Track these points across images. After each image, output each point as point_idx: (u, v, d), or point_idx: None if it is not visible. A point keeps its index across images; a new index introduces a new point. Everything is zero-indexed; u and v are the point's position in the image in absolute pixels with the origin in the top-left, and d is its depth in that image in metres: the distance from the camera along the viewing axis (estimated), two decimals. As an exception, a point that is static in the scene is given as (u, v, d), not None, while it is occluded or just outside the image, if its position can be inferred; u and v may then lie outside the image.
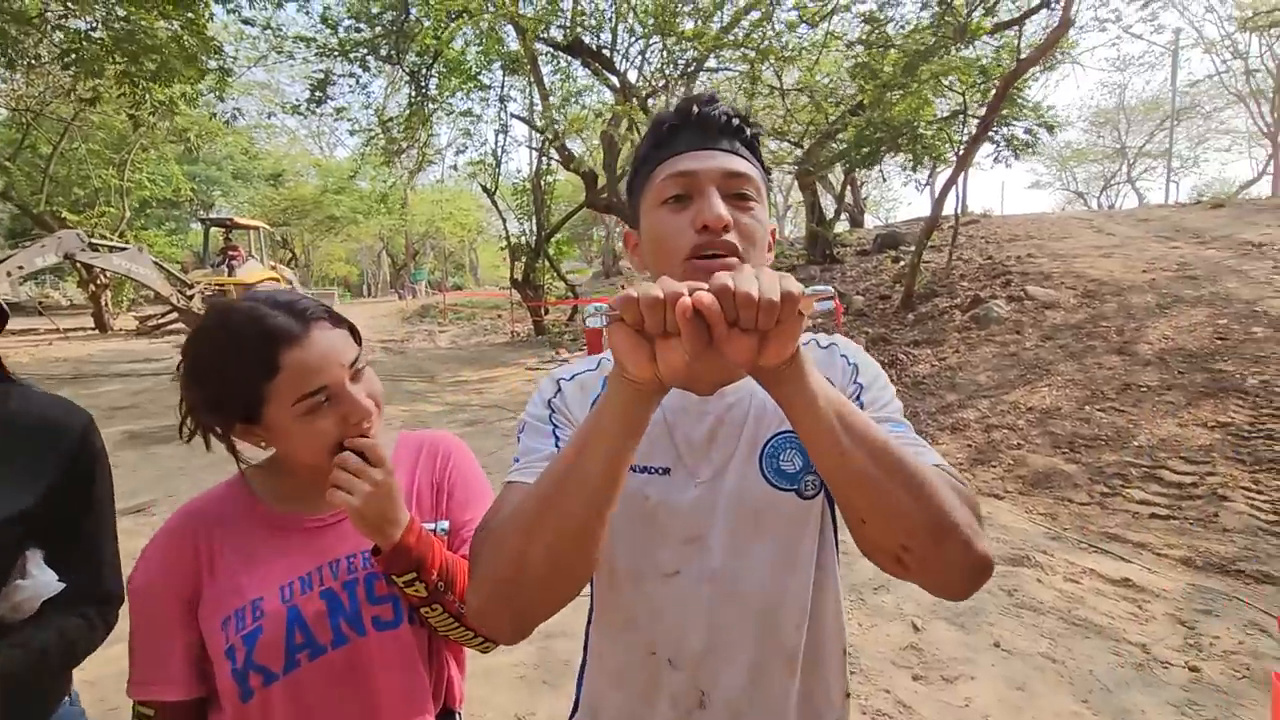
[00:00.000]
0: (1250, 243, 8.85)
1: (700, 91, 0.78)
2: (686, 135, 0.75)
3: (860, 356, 0.85)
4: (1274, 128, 23.61)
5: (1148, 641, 2.61)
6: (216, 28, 13.57)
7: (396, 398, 7.73)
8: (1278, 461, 4.11)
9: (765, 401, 0.79)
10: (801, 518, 0.78)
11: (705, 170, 0.72)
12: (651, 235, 0.75)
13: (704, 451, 0.79)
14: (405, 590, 0.84)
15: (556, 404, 0.83)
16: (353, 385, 0.84)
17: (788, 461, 0.78)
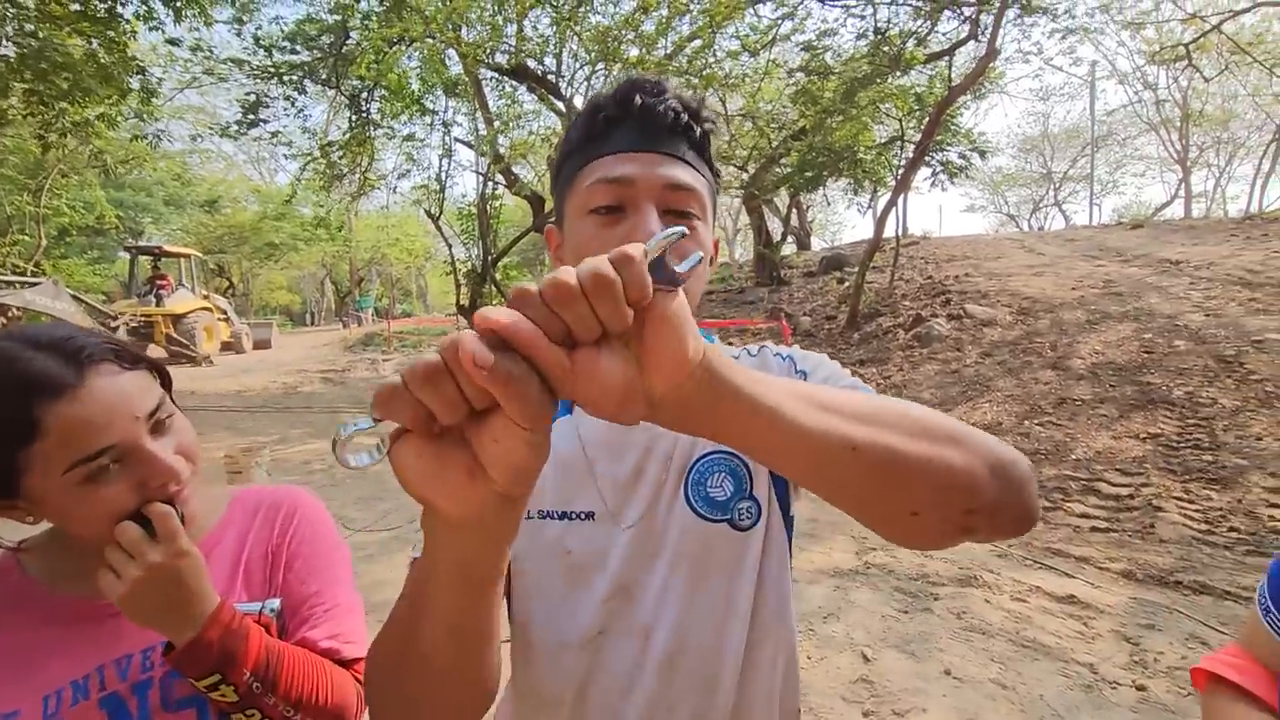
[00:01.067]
0: (1168, 260, 9.33)
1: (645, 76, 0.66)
2: (625, 131, 0.64)
3: (795, 350, 0.74)
4: (1182, 154, 25.32)
5: (1095, 661, 2.58)
6: (144, 49, 13.09)
7: (330, 431, 7.36)
8: (1205, 470, 4.23)
9: None
10: (737, 553, 0.67)
11: (644, 179, 0.62)
12: (577, 251, 0.64)
13: (631, 489, 0.68)
14: (209, 694, 0.67)
15: None
16: (154, 441, 0.68)
17: (716, 487, 0.67)
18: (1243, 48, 13.43)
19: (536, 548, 0.68)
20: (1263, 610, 0.71)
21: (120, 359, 0.69)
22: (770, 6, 10.53)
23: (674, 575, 0.67)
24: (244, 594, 0.77)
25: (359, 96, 11.62)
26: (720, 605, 0.67)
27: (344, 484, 5.25)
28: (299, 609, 0.78)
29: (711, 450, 0.68)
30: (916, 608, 3.05)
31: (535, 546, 0.69)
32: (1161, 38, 14.75)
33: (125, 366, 0.69)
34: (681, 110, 0.64)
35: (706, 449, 0.68)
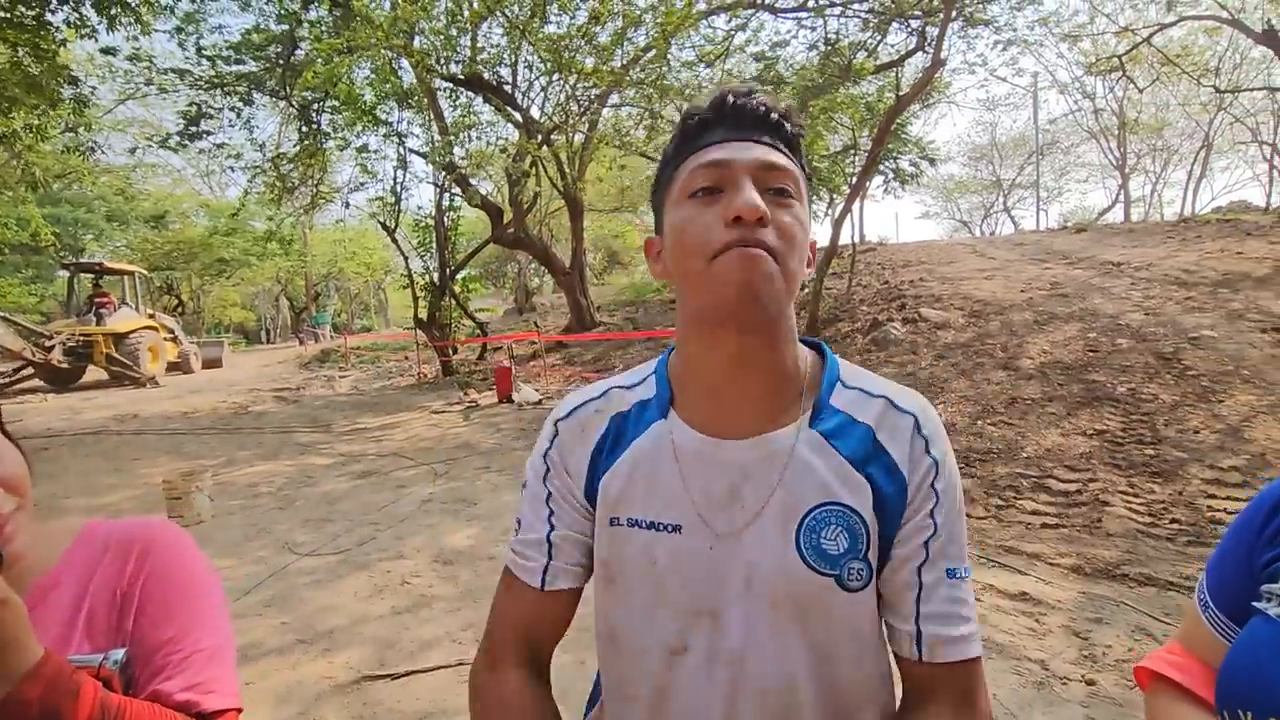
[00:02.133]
0: (1110, 262, 9.69)
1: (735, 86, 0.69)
2: (719, 129, 0.66)
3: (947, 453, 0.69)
4: (1121, 161, 26.45)
5: (1046, 657, 2.60)
6: (80, 58, 12.60)
7: (284, 451, 7.12)
8: (1148, 464, 4.35)
9: (809, 459, 0.66)
10: (844, 612, 0.66)
11: (739, 160, 0.64)
12: (675, 232, 0.65)
13: (724, 507, 0.67)
14: None
15: (552, 459, 0.75)
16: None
17: (830, 541, 0.65)
18: (1171, 60, 14.11)
19: (624, 555, 0.69)
20: (1202, 606, 0.70)
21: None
22: (724, 18, 10.70)
23: (771, 612, 0.65)
24: (85, 643, 0.68)
25: (310, 107, 11.37)
26: (822, 657, 0.66)
27: (291, 506, 5.05)
28: (152, 658, 0.69)
29: (830, 501, 0.65)
30: (874, 611, 3.04)
31: (623, 553, 0.69)
32: (1097, 50, 15.41)
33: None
34: (773, 109, 0.67)
35: (823, 499, 0.65)
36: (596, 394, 0.76)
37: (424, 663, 2.73)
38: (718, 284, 0.60)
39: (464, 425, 8.06)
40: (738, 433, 0.67)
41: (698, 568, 0.66)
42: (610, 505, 0.70)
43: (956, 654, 0.66)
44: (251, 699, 2.54)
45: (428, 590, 3.47)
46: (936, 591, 0.66)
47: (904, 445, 0.67)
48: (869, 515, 0.65)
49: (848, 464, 0.65)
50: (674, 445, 0.69)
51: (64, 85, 7.68)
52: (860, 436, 0.67)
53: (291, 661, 2.80)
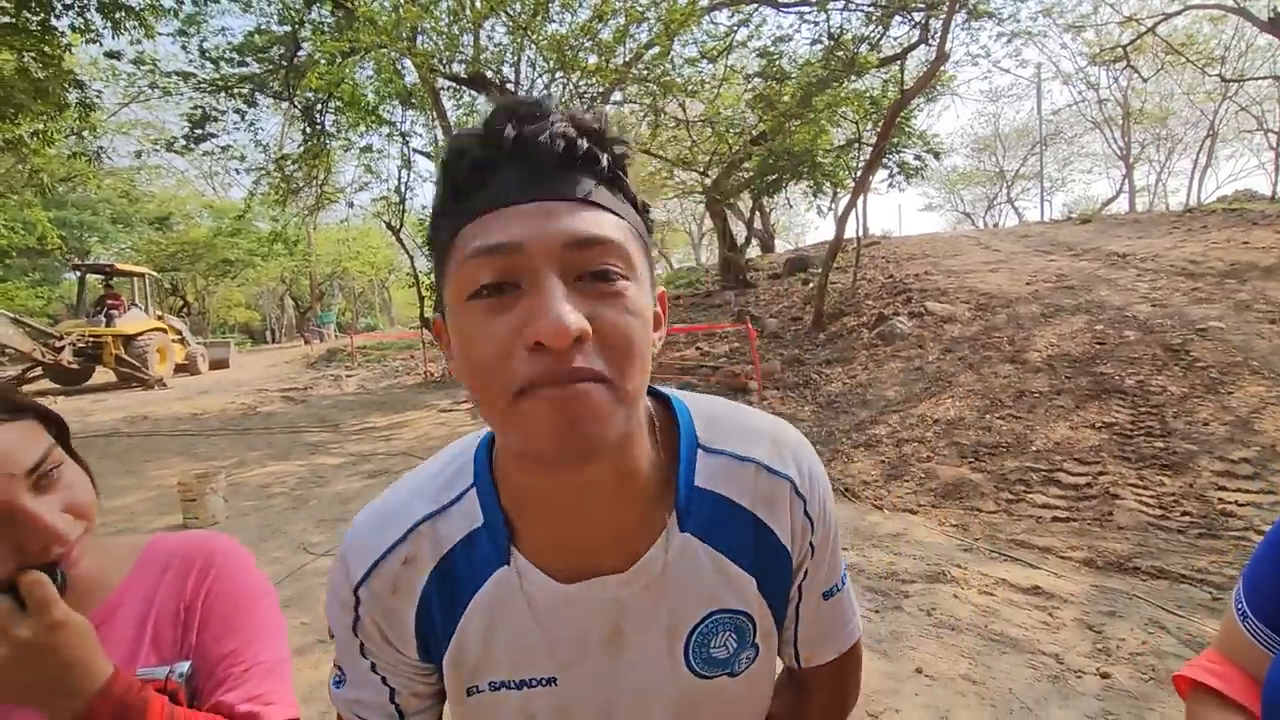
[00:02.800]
0: (1116, 253, 9.66)
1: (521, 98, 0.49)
2: (504, 176, 0.47)
3: (820, 494, 0.64)
4: (1125, 151, 26.33)
5: (1060, 651, 2.62)
6: (84, 62, 12.63)
7: (295, 451, 7.17)
8: (1158, 457, 4.36)
9: (688, 572, 0.58)
10: (734, 696, 0.63)
11: (536, 241, 0.45)
12: (462, 351, 0.48)
13: (600, 647, 0.59)
14: None
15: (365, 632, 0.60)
16: (35, 499, 0.62)
17: (720, 646, 0.60)
18: (1176, 48, 14.03)
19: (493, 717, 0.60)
20: (1240, 615, 0.70)
21: (14, 413, 0.63)
22: (727, 14, 10.68)
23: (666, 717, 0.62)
24: (152, 656, 0.70)
25: (313, 108, 11.39)
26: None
27: (304, 506, 5.10)
28: (214, 670, 0.71)
29: (715, 610, 0.59)
30: (887, 606, 3.06)
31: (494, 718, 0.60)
32: (1101, 40, 15.34)
33: (10, 417, 0.63)
34: (577, 135, 0.47)
35: (707, 609, 0.59)
36: (397, 537, 0.59)
37: (443, 661, 2.77)
38: (528, 434, 0.45)
39: (472, 423, 8.10)
40: (604, 566, 0.57)
41: (586, 713, 0.60)
42: (464, 677, 0.59)
43: (829, 655, 0.69)
44: (275, 698, 2.58)
45: (444, 589, 3.50)
46: (814, 618, 0.66)
47: (784, 516, 0.61)
48: (755, 607, 0.61)
49: (726, 560, 0.59)
50: (527, 597, 0.57)
51: (69, 90, 7.71)
52: (738, 523, 0.60)
53: (313, 661, 2.84)
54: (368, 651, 0.60)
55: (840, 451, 5.46)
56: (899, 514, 4.30)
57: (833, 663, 0.69)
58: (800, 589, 0.64)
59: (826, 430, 5.99)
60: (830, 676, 0.70)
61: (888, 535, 3.92)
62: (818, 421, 6.26)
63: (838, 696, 0.73)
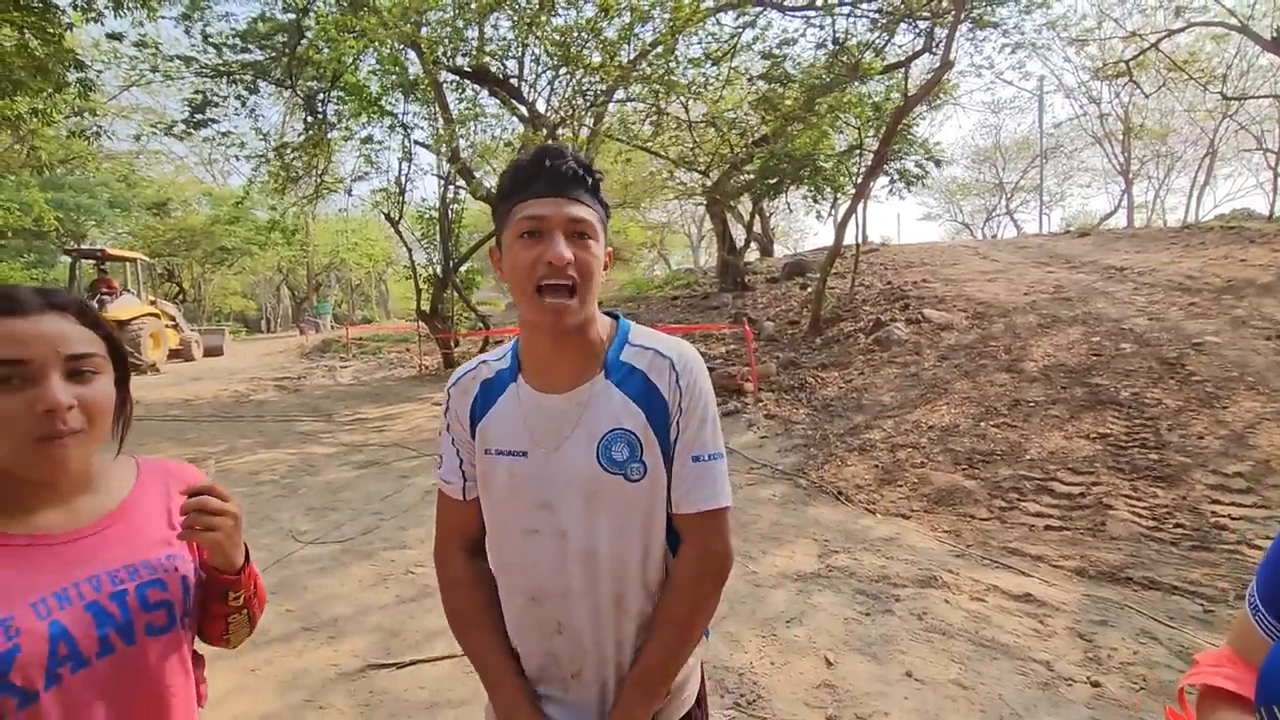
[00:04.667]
0: (1113, 267, 9.69)
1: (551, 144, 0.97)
2: (540, 182, 0.93)
3: (694, 380, 1.00)
4: (1125, 166, 26.42)
5: (1051, 658, 2.60)
6: (86, 44, 12.53)
7: (287, 439, 7.11)
8: (1152, 469, 4.36)
9: (604, 401, 0.98)
10: (630, 497, 0.97)
11: (553, 215, 0.92)
12: (510, 263, 0.95)
13: (551, 437, 0.99)
14: (231, 602, 0.95)
15: (450, 417, 1.08)
16: (61, 378, 0.80)
17: (618, 452, 0.97)
18: (1179, 65, 14.08)
19: (493, 474, 1.02)
20: (1251, 610, 0.70)
21: (80, 314, 0.85)
22: (731, 15, 10.66)
23: (583, 500, 0.97)
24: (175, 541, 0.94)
25: (315, 97, 11.31)
26: (615, 526, 0.97)
27: (294, 495, 5.05)
28: None
29: (616, 427, 0.97)
30: (878, 609, 3.05)
31: (492, 472, 1.02)
32: (1104, 55, 15.39)
33: (79, 321, 0.84)
34: (578, 167, 0.94)
35: (611, 425, 0.97)
36: (472, 366, 1.09)
37: (428, 652, 2.74)
38: (538, 313, 0.92)
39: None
40: (559, 388, 0.99)
41: (538, 477, 0.98)
42: (484, 441, 1.03)
43: (694, 506, 0.98)
44: (257, 686, 2.55)
45: (431, 580, 3.46)
46: (684, 473, 0.98)
47: (664, 379, 0.99)
48: (641, 432, 0.97)
49: (629, 399, 0.98)
50: (520, 399, 1.02)
51: (70, 69, 7.65)
52: (638, 380, 0.99)
53: (297, 649, 2.81)
54: (450, 429, 1.08)
55: (834, 455, 5.45)
56: (892, 518, 4.28)
57: (698, 516, 0.98)
58: (675, 445, 0.98)
59: (821, 434, 5.97)
60: (695, 528, 0.99)
61: (880, 539, 3.90)
62: (813, 425, 6.24)
63: (698, 548, 0.99)
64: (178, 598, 0.90)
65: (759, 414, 6.73)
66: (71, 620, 0.80)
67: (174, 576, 0.90)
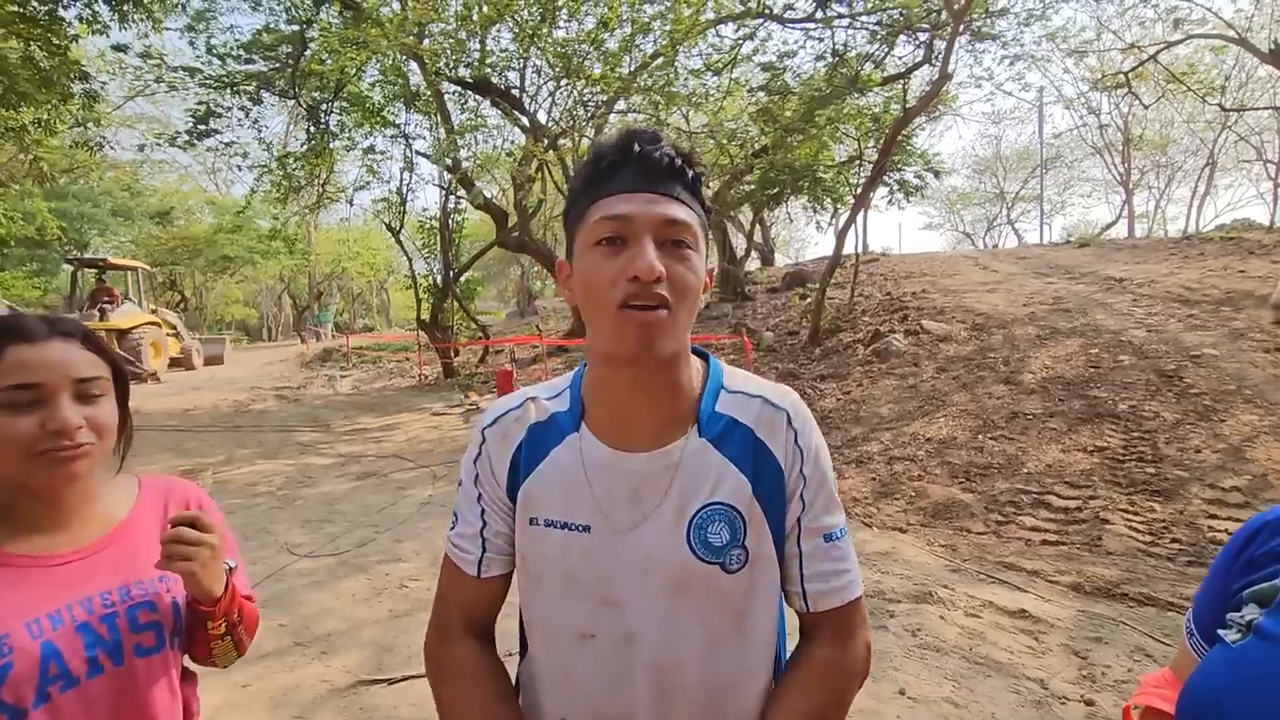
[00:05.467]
0: (1113, 278, 9.69)
1: (642, 128, 0.74)
2: (626, 175, 0.72)
3: (814, 439, 0.81)
4: (1125, 177, 26.48)
5: (1045, 676, 2.59)
6: (91, 54, 12.65)
7: (285, 450, 7.12)
8: (1149, 483, 4.35)
9: (699, 466, 0.77)
10: (726, 593, 0.77)
11: (642, 216, 0.70)
12: (584, 278, 0.73)
13: (625, 508, 0.77)
14: (211, 631, 0.94)
15: (481, 464, 0.84)
16: (72, 401, 0.85)
17: (715, 534, 0.76)
18: (1177, 77, 14.14)
19: (541, 551, 0.80)
20: (1187, 633, 0.73)
21: (85, 341, 0.90)
22: (732, 27, 10.74)
23: (665, 597, 0.75)
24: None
25: (318, 108, 11.40)
26: (707, 632, 0.76)
27: (290, 507, 5.05)
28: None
29: (713, 501, 0.76)
30: (872, 626, 3.03)
31: (540, 549, 0.80)
32: (1103, 66, 15.45)
33: (85, 347, 0.89)
34: (676, 156, 0.72)
35: (708, 499, 0.76)
36: (516, 404, 0.85)
37: (421, 668, 2.72)
38: (619, 335, 0.69)
39: (464, 428, 8.06)
40: (638, 445, 0.77)
41: (604, 562, 0.76)
42: (530, 507, 0.80)
43: (836, 601, 0.79)
44: (248, 702, 2.54)
45: (426, 594, 3.46)
46: (815, 556, 0.79)
47: (780, 440, 0.78)
48: (746, 508, 0.76)
49: (730, 465, 0.77)
50: (583, 455, 0.78)
51: (74, 81, 7.71)
52: (742, 437, 0.78)
53: (289, 664, 2.80)
54: (479, 482, 0.83)
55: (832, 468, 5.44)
56: (888, 532, 4.27)
57: (836, 612, 0.79)
58: (800, 524, 0.78)
59: (819, 445, 5.96)
60: (832, 627, 0.80)
61: (876, 554, 3.89)
62: (810, 436, 6.23)
63: (838, 651, 0.79)
64: (168, 619, 0.92)
65: (757, 425, 6.72)
66: (63, 640, 0.83)
67: (165, 598, 0.93)
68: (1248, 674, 0.55)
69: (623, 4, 9.40)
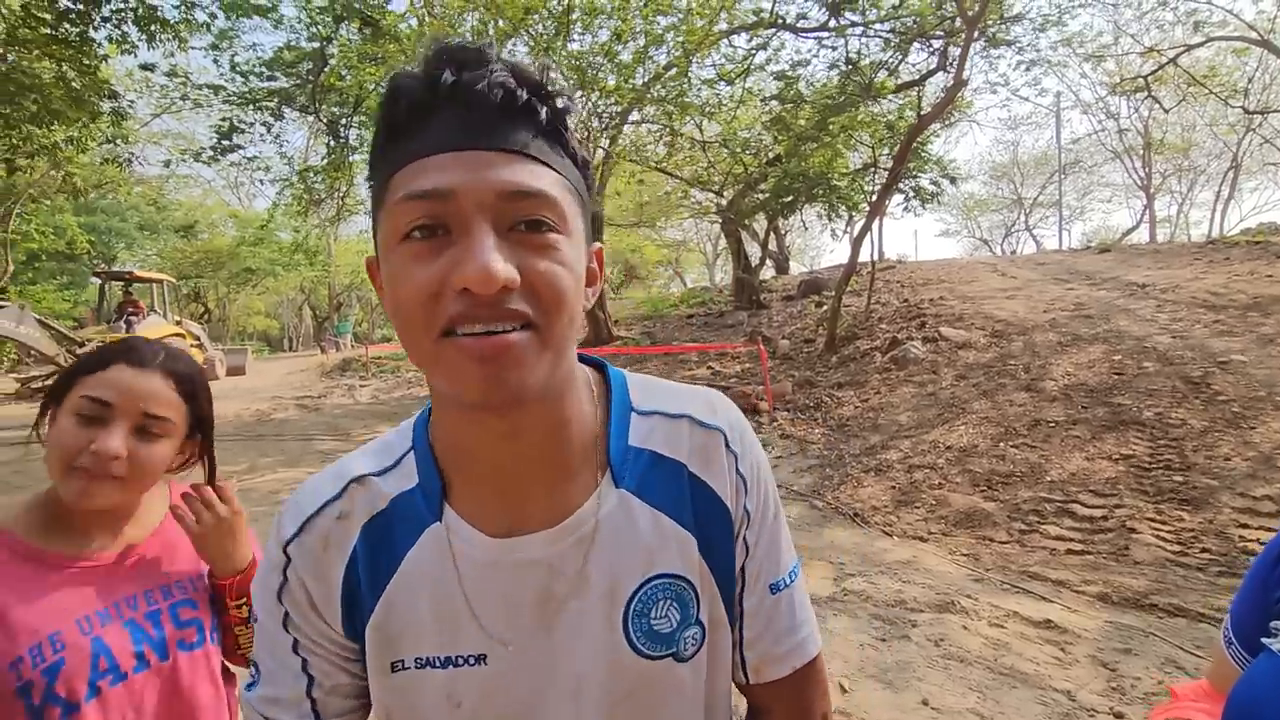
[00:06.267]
0: (1135, 284, 9.55)
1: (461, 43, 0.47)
2: (441, 122, 0.46)
3: (756, 457, 0.62)
4: (1146, 181, 26.14)
5: (1072, 688, 2.54)
6: (119, 73, 13.00)
7: (306, 459, 7.20)
8: (1177, 491, 4.26)
9: (622, 531, 0.56)
10: (685, 684, 0.58)
11: (469, 188, 0.44)
12: (390, 284, 0.48)
13: (531, 618, 0.55)
14: (234, 610, 0.97)
15: (290, 600, 0.57)
16: (126, 431, 0.88)
17: (661, 618, 0.56)
18: (1198, 80, 13.97)
19: (417, 704, 0.55)
20: (1226, 642, 0.71)
21: (180, 383, 0.94)
22: (745, 37, 10.80)
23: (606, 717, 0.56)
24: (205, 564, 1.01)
25: (338, 122, 11.61)
26: None
27: (313, 514, 5.11)
28: None
29: (654, 575, 0.56)
30: (894, 635, 3.00)
31: (415, 702, 0.55)
32: (1121, 70, 15.32)
33: (175, 387, 0.93)
34: (516, 85, 0.46)
35: (645, 574, 0.56)
36: (332, 493, 0.58)
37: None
38: (453, 374, 0.46)
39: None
40: (530, 523, 0.55)
41: (513, 698, 0.55)
42: (388, 649, 0.56)
43: (785, 669, 0.61)
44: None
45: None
46: (758, 614, 0.61)
47: (719, 470, 0.59)
48: (695, 573, 0.57)
49: (665, 517, 0.57)
50: (454, 554, 0.55)
51: (104, 99, 7.93)
52: (674, 478, 0.58)
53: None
54: (290, 624, 0.57)
55: (850, 476, 5.40)
56: (909, 541, 4.23)
57: (789, 679, 0.61)
58: (743, 573, 0.60)
59: (837, 454, 5.93)
60: (790, 693, 0.62)
61: (897, 562, 3.85)
62: (828, 444, 6.20)
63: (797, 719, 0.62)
64: (206, 614, 0.97)
65: (774, 434, 6.69)
66: (111, 636, 0.88)
67: (203, 595, 0.98)
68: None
69: (636, 16, 9.50)
